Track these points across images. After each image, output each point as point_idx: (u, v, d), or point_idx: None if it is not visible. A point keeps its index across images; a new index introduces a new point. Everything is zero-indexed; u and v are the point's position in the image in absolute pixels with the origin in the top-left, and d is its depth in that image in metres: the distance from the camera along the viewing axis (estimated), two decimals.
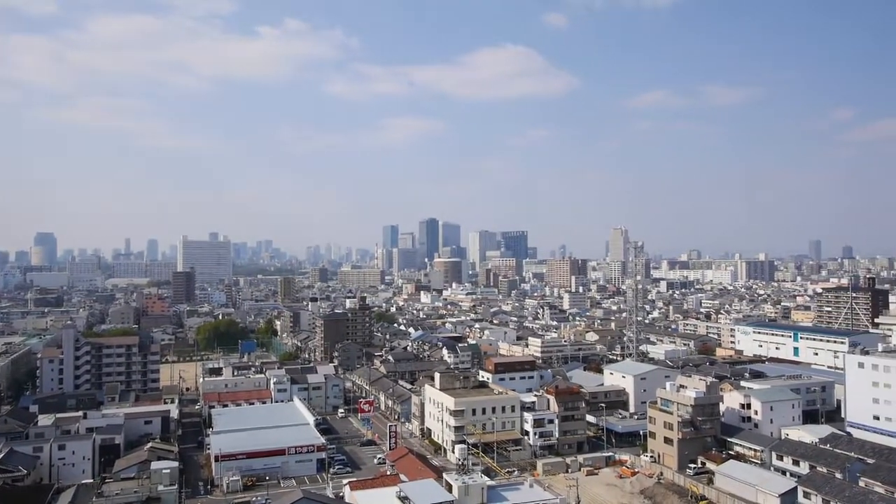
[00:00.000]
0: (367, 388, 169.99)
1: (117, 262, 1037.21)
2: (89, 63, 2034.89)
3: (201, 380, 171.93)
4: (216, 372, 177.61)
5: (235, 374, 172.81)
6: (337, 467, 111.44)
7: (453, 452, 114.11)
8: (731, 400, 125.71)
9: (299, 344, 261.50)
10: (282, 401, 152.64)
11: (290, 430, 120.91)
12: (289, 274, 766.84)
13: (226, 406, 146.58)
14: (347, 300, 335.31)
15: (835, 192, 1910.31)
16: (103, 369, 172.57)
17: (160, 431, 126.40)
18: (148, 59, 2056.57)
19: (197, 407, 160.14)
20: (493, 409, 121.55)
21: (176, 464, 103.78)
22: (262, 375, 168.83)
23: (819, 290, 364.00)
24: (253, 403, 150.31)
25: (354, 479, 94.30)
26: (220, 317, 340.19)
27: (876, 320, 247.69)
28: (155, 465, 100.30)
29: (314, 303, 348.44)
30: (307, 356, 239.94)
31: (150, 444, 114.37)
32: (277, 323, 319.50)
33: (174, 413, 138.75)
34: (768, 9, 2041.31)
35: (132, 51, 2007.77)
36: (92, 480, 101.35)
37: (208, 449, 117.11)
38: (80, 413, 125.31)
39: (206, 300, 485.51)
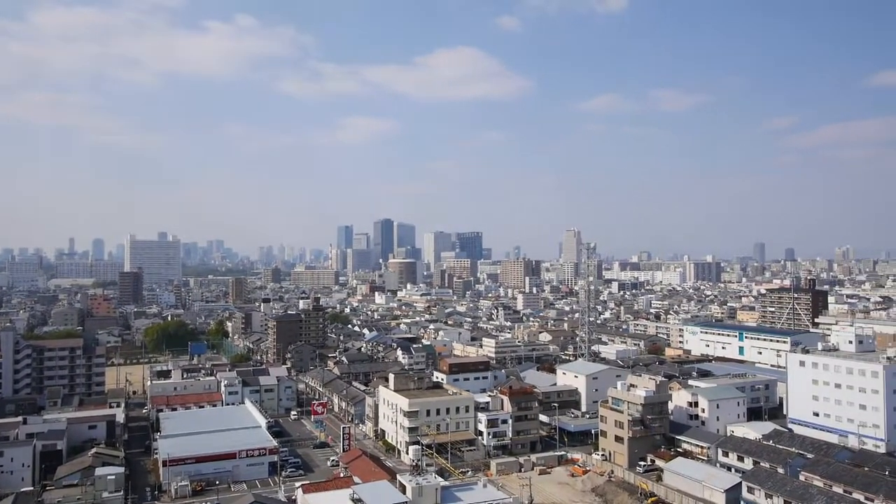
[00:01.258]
0: (321, 389, 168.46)
1: (60, 262, 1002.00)
2: (32, 55, 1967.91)
3: (149, 383, 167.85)
4: (165, 374, 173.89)
5: (185, 376, 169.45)
6: (289, 470, 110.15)
7: (407, 454, 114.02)
8: (679, 398, 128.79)
9: (251, 346, 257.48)
10: (233, 403, 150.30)
11: (242, 433, 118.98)
12: (241, 274, 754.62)
13: (175, 409, 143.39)
14: (301, 301, 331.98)
15: (778, 196, 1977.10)
16: (45, 373, 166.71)
17: (105, 436, 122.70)
18: (93, 53, 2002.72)
19: (144, 411, 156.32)
20: (448, 410, 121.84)
21: (122, 469, 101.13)
22: (213, 378, 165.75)
23: (763, 291, 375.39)
24: (203, 406, 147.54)
25: (307, 482, 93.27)
26: (169, 318, 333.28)
27: (816, 320, 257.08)
28: (99, 471, 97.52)
29: (267, 304, 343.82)
30: (259, 358, 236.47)
31: (94, 450, 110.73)
32: (229, 324, 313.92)
33: (120, 417, 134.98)
34: (718, 16, 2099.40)
35: (77, 44, 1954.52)
36: (32, 488, 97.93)
37: (156, 453, 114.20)
38: (20, 418, 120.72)
39: (154, 301, 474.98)
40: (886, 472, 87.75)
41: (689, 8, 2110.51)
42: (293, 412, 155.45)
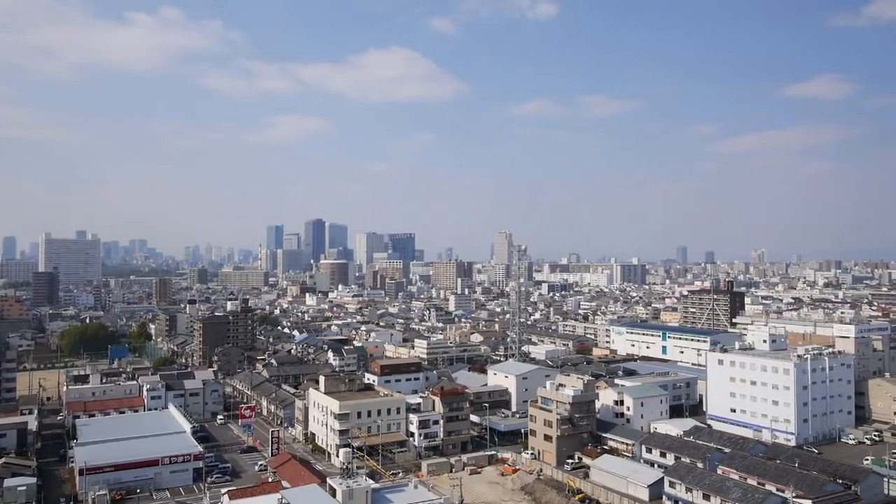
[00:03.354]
0: (249, 393, 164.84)
1: None
2: None
3: (65, 388, 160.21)
4: (82, 379, 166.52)
5: (104, 381, 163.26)
6: (215, 476, 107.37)
7: (338, 456, 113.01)
8: (605, 397, 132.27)
9: (176, 348, 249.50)
10: (156, 408, 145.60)
11: (164, 438, 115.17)
12: (165, 275, 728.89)
13: (93, 416, 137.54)
14: (229, 302, 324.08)
15: (700, 201, 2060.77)
16: None
17: (16, 445, 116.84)
18: (6, 42, 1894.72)
19: (59, 417, 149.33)
20: (379, 412, 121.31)
21: (34, 480, 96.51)
22: (134, 382, 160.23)
23: (685, 293, 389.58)
24: (123, 412, 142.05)
25: (234, 488, 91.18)
26: (88, 320, 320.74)
27: (734, 320, 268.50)
28: (9, 482, 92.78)
29: (192, 305, 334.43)
30: (184, 361, 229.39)
31: (3, 460, 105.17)
32: (152, 326, 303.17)
33: (33, 425, 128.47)
34: (645, 26, 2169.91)
35: None
36: None
37: (72, 462, 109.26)
38: None
39: (71, 303, 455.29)
40: (796, 465, 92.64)
41: (618, 17, 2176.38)
42: (220, 416, 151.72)
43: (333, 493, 78.58)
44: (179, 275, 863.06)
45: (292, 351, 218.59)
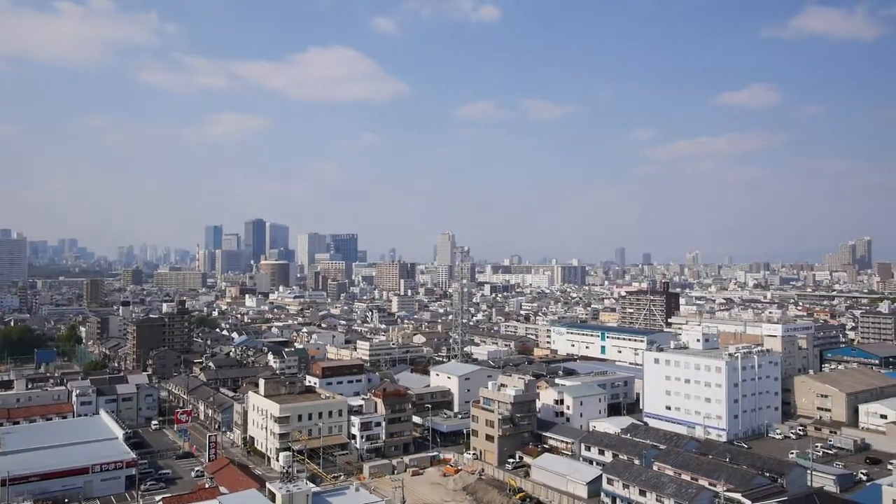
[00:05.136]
0: (186, 397, 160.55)
1: None
2: None
3: None
4: (6, 385, 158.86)
5: (30, 386, 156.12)
6: (149, 483, 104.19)
7: (278, 460, 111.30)
8: (546, 397, 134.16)
9: (108, 352, 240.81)
10: (86, 414, 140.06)
11: (95, 445, 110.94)
12: (97, 276, 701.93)
13: (17, 423, 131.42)
14: (164, 304, 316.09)
15: (638, 204, 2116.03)
16: None
17: None
18: None
19: None
20: (320, 414, 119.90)
21: None
22: (63, 388, 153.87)
23: (623, 294, 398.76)
24: (51, 419, 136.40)
25: (169, 495, 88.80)
26: (13, 323, 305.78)
27: (669, 320, 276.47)
28: None
29: (126, 307, 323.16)
30: (117, 365, 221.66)
31: None
32: (82, 329, 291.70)
33: None
34: (585, 32, 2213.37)
35: None
36: None
37: None
38: None
39: None
40: (727, 459, 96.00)
41: (559, 23, 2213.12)
42: (154, 422, 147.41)
43: (273, 497, 77.28)
44: (112, 276, 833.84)
45: (231, 353, 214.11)
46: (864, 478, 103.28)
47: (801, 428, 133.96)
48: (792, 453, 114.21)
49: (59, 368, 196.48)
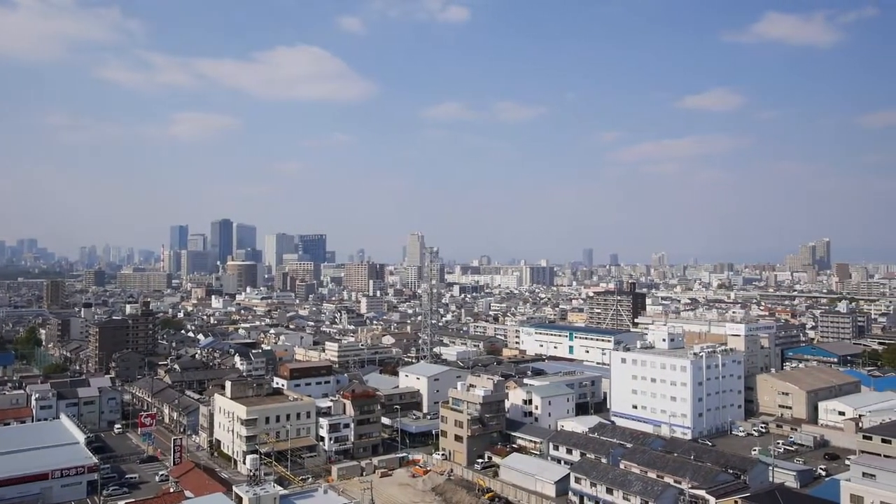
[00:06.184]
0: (150, 400, 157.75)
1: None
2: None
3: None
4: None
5: None
6: (112, 488, 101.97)
7: (244, 463, 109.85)
8: (515, 397, 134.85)
9: (69, 354, 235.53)
10: (46, 419, 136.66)
11: (55, 450, 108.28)
12: (57, 277, 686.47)
13: None
14: (128, 305, 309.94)
15: (605, 205, 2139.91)
16: None
17: None
18: None
19: None
20: (288, 417, 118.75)
21: None
22: (22, 391, 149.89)
23: (591, 294, 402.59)
24: (9, 424, 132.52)
25: (133, 500, 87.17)
26: None
27: (636, 320, 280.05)
28: None
29: (88, 309, 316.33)
30: (79, 368, 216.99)
31: None
32: (42, 332, 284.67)
33: None
34: (553, 34, 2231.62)
35: None
36: None
37: None
38: None
39: None
40: (692, 457, 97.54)
41: (526, 24, 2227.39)
42: (117, 425, 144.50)
43: (240, 501, 76.43)
44: (74, 277, 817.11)
45: (197, 355, 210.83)
46: (824, 473, 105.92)
47: (763, 425, 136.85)
48: (754, 450, 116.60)
49: (18, 372, 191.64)
